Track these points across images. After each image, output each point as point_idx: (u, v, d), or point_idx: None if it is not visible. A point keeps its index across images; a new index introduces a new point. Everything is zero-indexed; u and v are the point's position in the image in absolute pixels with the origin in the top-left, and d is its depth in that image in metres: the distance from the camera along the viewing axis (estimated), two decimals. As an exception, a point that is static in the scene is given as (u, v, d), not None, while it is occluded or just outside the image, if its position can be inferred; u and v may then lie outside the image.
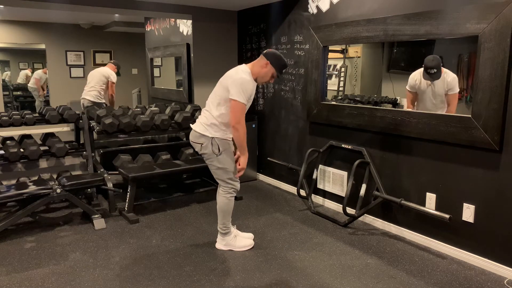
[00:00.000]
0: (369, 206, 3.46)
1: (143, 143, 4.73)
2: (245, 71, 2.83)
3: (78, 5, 4.20)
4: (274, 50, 2.91)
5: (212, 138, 2.85)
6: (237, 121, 2.76)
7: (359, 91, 4.00)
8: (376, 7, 3.36)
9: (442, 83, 3.12)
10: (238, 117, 2.75)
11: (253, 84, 2.84)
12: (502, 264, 2.73)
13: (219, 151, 2.86)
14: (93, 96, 5.83)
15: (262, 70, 2.85)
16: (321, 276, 2.71)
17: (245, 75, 2.79)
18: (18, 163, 4.01)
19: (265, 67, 2.84)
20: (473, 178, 2.84)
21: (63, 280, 2.65)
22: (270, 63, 2.83)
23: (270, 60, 2.83)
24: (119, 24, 7.54)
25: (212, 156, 2.89)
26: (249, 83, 2.78)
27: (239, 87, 2.73)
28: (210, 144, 2.86)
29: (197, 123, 2.95)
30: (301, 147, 4.37)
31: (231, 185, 2.98)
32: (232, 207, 3.03)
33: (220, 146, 2.86)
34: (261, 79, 2.89)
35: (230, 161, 2.93)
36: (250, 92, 2.80)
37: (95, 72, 5.98)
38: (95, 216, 3.54)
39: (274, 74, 2.88)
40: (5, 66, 8.18)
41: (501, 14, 2.52)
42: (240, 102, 2.73)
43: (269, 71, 2.85)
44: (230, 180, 2.96)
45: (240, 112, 2.76)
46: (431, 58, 3.06)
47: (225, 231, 3.07)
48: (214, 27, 5.03)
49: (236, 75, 2.78)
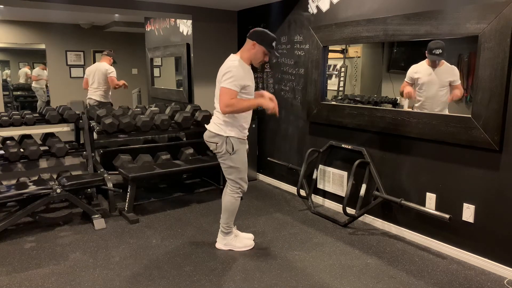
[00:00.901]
0: (369, 206, 3.46)
1: (143, 143, 4.73)
2: (231, 59, 2.82)
3: (78, 5, 4.20)
4: (257, 28, 2.86)
5: (227, 137, 2.85)
6: (224, 105, 2.72)
7: (359, 91, 4.00)
8: (376, 7, 3.37)
9: (444, 73, 3.11)
10: (224, 101, 2.71)
11: (243, 69, 2.79)
12: (502, 264, 2.73)
13: (233, 150, 2.87)
14: (99, 96, 5.78)
15: (251, 52, 2.83)
16: (321, 276, 2.71)
17: (231, 63, 2.78)
18: (18, 163, 4.01)
19: (253, 48, 2.81)
20: (473, 178, 2.84)
21: (63, 280, 2.65)
22: (256, 43, 2.80)
23: (256, 39, 2.80)
24: (119, 24, 7.54)
25: (226, 155, 2.90)
26: (237, 68, 2.75)
27: (226, 75, 2.73)
28: (224, 143, 2.86)
29: (211, 123, 2.97)
30: (301, 147, 4.37)
31: (239, 185, 2.99)
32: (237, 207, 3.04)
33: (234, 145, 2.86)
34: (255, 61, 2.86)
35: (243, 161, 2.95)
36: (240, 78, 2.75)
37: (94, 70, 5.86)
38: (95, 216, 3.54)
39: (265, 51, 2.83)
40: (5, 66, 8.19)
41: (501, 14, 2.52)
42: (227, 88, 2.71)
43: (258, 50, 2.82)
44: (240, 180, 2.97)
45: (226, 96, 2.71)
46: (434, 41, 3.02)
47: (227, 231, 3.07)
48: (214, 27, 5.03)
49: (223, 67, 2.80)
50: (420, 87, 3.28)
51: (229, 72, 2.73)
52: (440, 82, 3.17)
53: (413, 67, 3.30)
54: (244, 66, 2.82)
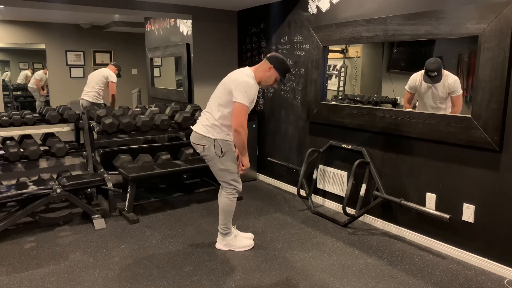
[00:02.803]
0: (369, 206, 3.46)
1: (143, 143, 4.73)
2: (249, 75, 2.82)
3: (78, 5, 4.20)
4: (278, 54, 2.90)
5: (215, 139, 2.83)
6: (239, 124, 2.74)
7: (359, 91, 4.00)
8: (376, 7, 3.37)
9: (442, 86, 3.12)
10: (241, 120, 2.74)
11: (256, 88, 2.83)
12: (502, 264, 2.73)
13: (222, 152, 2.86)
14: (91, 97, 5.86)
15: (265, 74, 2.85)
16: (321, 276, 2.71)
17: (249, 79, 2.78)
18: (18, 163, 4.01)
19: (269, 71, 2.84)
20: (473, 178, 2.84)
21: (63, 280, 2.65)
22: (273, 67, 2.83)
23: (274, 64, 2.83)
24: (119, 24, 7.54)
25: (215, 158, 2.88)
26: (253, 87, 2.78)
27: (243, 90, 2.72)
28: (212, 146, 2.85)
29: (197, 124, 2.94)
30: (301, 147, 4.37)
31: (233, 186, 2.97)
32: (234, 207, 3.02)
33: (222, 148, 2.85)
34: (264, 83, 2.89)
35: (233, 162, 2.93)
36: (253, 96, 2.80)
37: (95, 73, 5.99)
38: (95, 216, 3.54)
39: (277, 78, 2.88)
40: (5, 66, 8.18)
41: (501, 14, 2.52)
42: (244, 105, 2.73)
43: (272, 75, 2.85)
44: (233, 181, 2.96)
45: (243, 115, 2.75)
46: (432, 61, 3.05)
47: (226, 232, 3.07)
48: (214, 27, 5.03)
49: (242, 79, 2.77)
50: (419, 97, 3.29)
51: (246, 87, 2.73)
52: (437, 95, 3.17)
53: (413, 75, 3.29)
54: (256, 84, 2.84)
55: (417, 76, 3.26)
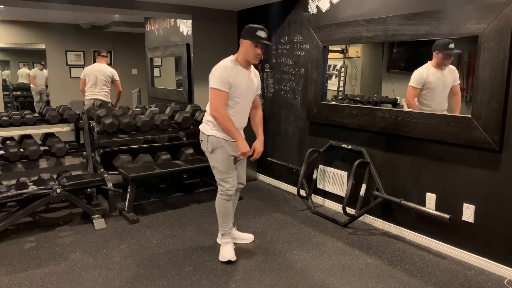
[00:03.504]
0: (369, 206, 3.46)
1: (143, 143, 4.73)
2: (225, 59, 2.81)
3: (78, 5, 4.20)
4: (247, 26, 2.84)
5: (208, 135, 2.84)
6: (213, 108, 2.73)
7: (359, 91, 3.99)
8: (376, 7, 3.37)
9: (449, 74, 3.09)
10: (214, 104, 2.73)
11: (232, 68, 2.75)
12: (502, 264, 2.73)
13: (211, 149, 2.84)
14: (103, 96, 5.85)
15: (241, 50, 2.80)
16: (321, 276, 2.71)
17: (222, 63, 2.78)
18: (18, 163, 4.01)
19: (242, 45, 2.79)
20: (473, 178, 2.84)
21: (63, 280, 2.65)
22: (242, 39, 2.78)
23: (242, 36, 2.79)
24: (119, 24, 7.55)
25: (207, 154, 2.90)
26: (224, 68, 2.73)
27: (213, 75, 2.74)
28: (206, 142, 2.86)
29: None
30: (301, 147, 4.37)
31: (221, 187, 2.90)
32: (225, 209, 2.93)
33: (213, 144, 2.82)
34: (249, 57, 2.78)
35: (221, 161, 2.85)
36: (225, 77, 2.71)
37: (96, 72, 5.85)
38: (95, 216, 3.54)
39: (252, 44, 2.74)
40: (5, 66, 8.19)
41: (501, 14, 2.52)
42: (215, 89, 2.71)
43: (247, 46, 2.76)
44: (221, 181, 2.89)
45: (217, 99, 2.72)
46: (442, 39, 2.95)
47: (222, 232, 3.01)
48: (214, 27, 5.03)
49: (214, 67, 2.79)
50: (429, 91, 3.19)
51: (215, 71, 2.75)
52: (448, 84, 3.10)
53: (420, 70, 3.19)
54: (235, 66, 2.78)
55: (423, 69, 3.17)
